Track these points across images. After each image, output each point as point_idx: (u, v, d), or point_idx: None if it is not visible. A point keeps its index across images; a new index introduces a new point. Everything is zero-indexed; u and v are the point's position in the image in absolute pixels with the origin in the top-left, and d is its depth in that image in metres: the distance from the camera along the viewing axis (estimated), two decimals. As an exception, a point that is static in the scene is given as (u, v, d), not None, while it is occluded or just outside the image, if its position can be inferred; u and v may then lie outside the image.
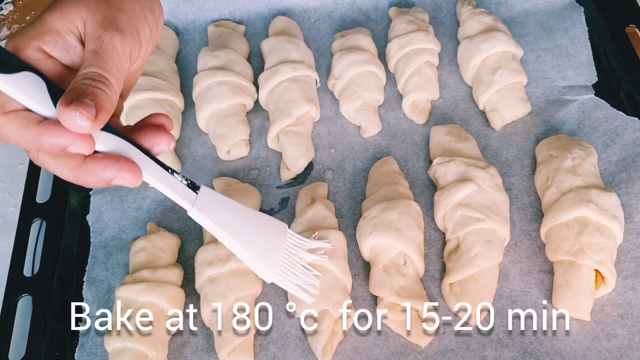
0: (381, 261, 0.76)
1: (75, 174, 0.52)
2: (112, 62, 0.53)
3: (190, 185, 0.58)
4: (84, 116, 0.48)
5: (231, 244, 0.60)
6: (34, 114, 0.50)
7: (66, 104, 0.48)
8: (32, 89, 0.50)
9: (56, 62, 0.54)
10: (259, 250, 0.61)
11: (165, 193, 0.56)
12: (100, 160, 0.51)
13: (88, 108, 0.48)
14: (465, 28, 0.99)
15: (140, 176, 0.53)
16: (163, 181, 0.56)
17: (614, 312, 0.73)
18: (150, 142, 0.56)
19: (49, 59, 0.53)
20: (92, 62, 0.52)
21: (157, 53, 0.99)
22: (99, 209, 0.87)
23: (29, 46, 0.52)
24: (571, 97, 0.92)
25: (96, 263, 0.83)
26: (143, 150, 0.55)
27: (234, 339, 0.72)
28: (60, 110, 0.48)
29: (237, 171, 0.91)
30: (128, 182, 0.52)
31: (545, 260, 0.78)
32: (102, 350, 0.74)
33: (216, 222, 0.59)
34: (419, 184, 0.87)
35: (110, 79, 0.52)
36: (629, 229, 0.78)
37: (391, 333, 0.74)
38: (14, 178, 0.96)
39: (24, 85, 0.50)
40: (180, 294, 0.77)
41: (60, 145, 0.49)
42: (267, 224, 0.65)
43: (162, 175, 0.56)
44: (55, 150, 0.50)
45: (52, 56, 0.53)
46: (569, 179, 0.79)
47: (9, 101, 0.50)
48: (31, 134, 0.50)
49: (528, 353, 0.71)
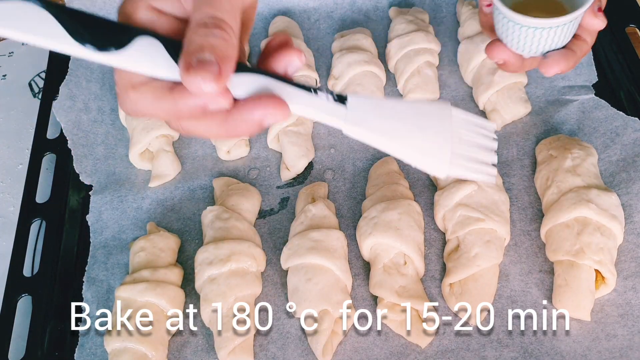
0: (381, 261, 0.76)
1: (224, 128, 0.48)
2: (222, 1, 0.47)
3: (337, 98, 0.51)
4: (207, 79, 0.44)
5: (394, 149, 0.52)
6: (163, 81, 0.47)
7: (186, 69, 0.44)
8: (151, 55, 0.46)
9: (170, 18, 0.49)
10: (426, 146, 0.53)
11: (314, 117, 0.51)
12: (243, 106, 0.47)
13: (209, 67, 0.44)
14: (465, 28, 0.99)
15: (287, 108, 0.48)
16: (310, 105, 0.50)
17: (614, 312, 0.73)
18: (282, 65, 0.50)
19: (162, 16, 0.49)
20: (201, 4, 0.47)
21: (157, 53, 0.98)
22: (98, 209, 0.87)
23: (139, 7, 0.48)
24: (571, 97, 0.92)
25: (96, 263, 0.83)
26: (278, 77, 0.49)
27: (234, 339, 0.72)
28: (182, 77, 0.44)
29: (237, 171, 0.91)
30: (278, 118, 0.48)
31: (546, 260, 0.78)
32: (102, 351, 0.74)
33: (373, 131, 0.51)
34: (419, 184, 0.87)
35: (226, 18, 0.47)
36: (629, 229, 0.78)
37: (391, 333, 0.74)
38: (14, 178, 0.96)
39: (142, 54, 0.46)
40: (180, 294, 0.77)
41: (198, 108, 0.46)
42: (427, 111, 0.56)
43: (308, 98, 0.50)
44: (196, 114, 0.47)
45: (164, 12, 0.49)
46: (569, 179, 0.79)
47: (134, 75, 0.47)
48: (167, 104, 0.47)
49: (528, 353, 0.71)
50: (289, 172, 0.89)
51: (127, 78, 0.48)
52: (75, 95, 0.95)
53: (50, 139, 0.96)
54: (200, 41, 0.45)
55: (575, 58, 0.70)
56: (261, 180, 0.90)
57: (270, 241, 0.84)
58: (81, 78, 0.97)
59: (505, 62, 0.72)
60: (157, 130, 0.90)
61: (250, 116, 0.47)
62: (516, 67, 0.72)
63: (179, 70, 0.45)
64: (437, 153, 0.54)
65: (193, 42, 0.45)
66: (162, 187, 0.90)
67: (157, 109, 0.47)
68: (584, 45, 0.71)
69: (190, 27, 0.46)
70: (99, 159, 0.92)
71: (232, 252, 0.76)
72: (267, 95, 0.48)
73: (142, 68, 0.46)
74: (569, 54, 0.70)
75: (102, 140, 0.94)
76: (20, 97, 1.07)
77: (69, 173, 0.91)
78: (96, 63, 0.99)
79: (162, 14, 0.49)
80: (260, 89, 0.48)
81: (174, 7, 0.49)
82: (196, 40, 0.45)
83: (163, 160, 0.90)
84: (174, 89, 0.46)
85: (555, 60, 0.70)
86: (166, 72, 0.47)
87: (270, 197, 0.88)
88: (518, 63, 0.72)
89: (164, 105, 0.47)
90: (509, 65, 0.72)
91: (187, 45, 0.45)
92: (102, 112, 0.97)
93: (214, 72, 0.44)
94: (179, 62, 0.45)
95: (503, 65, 0.73)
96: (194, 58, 0.44)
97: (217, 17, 0.46)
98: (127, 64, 0.46)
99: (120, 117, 0.95)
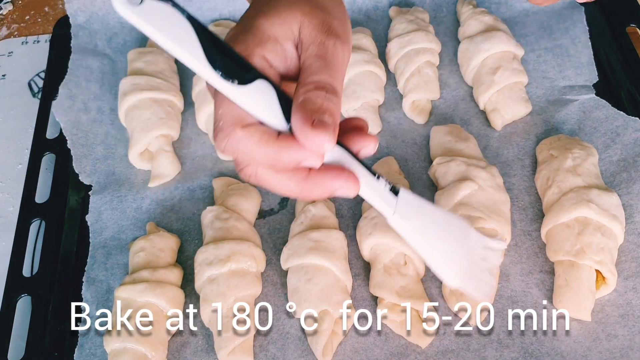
0: (381, 261, 0.76)
1: (301, 187, 0.50)
2: (338, 70, 0.50)
3: (392, 189, 0.55)
4: (331, 140, 0.47)
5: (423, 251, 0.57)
6: (269, 127, 0.49)
7: (310, 124, 0.47)
8: (266, 100, 0.48)
9: (276, 71, 0.51)
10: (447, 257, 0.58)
11: (370, 201, 0.54)
12: (325, 172, 0.50)
13: (329, 128, 0.47)
14: (466, 28, 0.99)
15: (359, 186, 0.51)
16: (372, 189, 0.53)
17: (614, 312, 0.73)
18: (357, 146, 0.52)
19: (271, 68, 0.51)
20: (320, 68, 0.49)
21: (157, 53, 0.98)
22: (98, 209, 0.87)
23: (255, 54, 0.50)
24: (572, 97, 0.92)
25: (95, 263, 0.82)
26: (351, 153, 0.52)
27: (234, 339, 0.72)
28: (303, 129, 0.47)
29: (236, 171, 0.91)
30: (350, 193, 0.50)
31: (546, 261, 0.78)
32: (102, 351, 0.74)
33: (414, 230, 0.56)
34: (419, 184, 0.87)
35: (338, 90, 0.50)
36: (630, 229, 0.78)
37: (391, 333, 0.74)
38: (14, 178, 0.96)
39: (260, 96, 0.48)
40: (180, 294, 0.77)
41: (298, 161, 0.48)
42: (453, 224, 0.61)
43: (372, 183, 0.53)
44: (291, 165, 0.49)
45: (272, 64, 0.51)
46: (569, 179, 0.79)
47: (245, 114, 0.48)
48: (271, 149, 0.48)
49: (528, 353, 0.71)
50: (289, 172, 0.89)
51: (238, 115, 0.48)
52: (74, 95, 0.95)
53: (49, 139, 0.96)
54: (321, 103, 0.48)
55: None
56: (261, 180, 0.90)
57: (270, 241, 0.84)
58: (80, 78, 0.97)
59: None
60: (157, 130, 0.90)
61: (329, 184, 0.50)
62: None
63: (298, 123, 0.47)
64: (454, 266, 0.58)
65: (314, 102, 0.48)
66: (162, 187, 0.90)
67: (258, 153, 0.48)
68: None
69: (307, 84, 0.49)
70: (99, 159, 0.92)
71: (232, 252, 0.76)
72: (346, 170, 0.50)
73: (257, 110, 0.48)
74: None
75: (101, 140, 0.94)
76: (19, 97, 1.07)
77: (69, 173, 0.91)
78: (96, 62, 1.00)
79: (271, 66, 0.51)
80: (337, 160, 0.51)
81: (280, 62, 0.51)
82: (318, 102, 0.48)
83: (163, 160, 0.90)
84: (279, 138, 0.48)
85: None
86: (275, 121, 0.48)
87: (270, 197, 0.88)
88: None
89: (267, 152, 0.48)
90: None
91: (306, 103, 0.48)
92: (101, 112, 0.97)
93: (333, 134, 0.47)
94: (295, 115, 0.47)
95: None
96: (316, 117, 0.47)
97: (334, 87, 0.49)
98: (247, 101, 0.47)
99: (120, 117, 0.94)
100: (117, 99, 0.96)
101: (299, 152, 0.48)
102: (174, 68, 1.00)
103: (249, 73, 0.48)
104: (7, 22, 1.17)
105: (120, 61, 1.03)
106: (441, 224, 0.59)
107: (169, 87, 0.94)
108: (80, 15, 1.03)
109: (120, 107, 0.93)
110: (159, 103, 0.93)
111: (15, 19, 1.18)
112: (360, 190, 0.52)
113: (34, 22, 1.17)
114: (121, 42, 1.05)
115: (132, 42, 1.05)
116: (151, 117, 0.91)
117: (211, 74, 0.46)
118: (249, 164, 0.50)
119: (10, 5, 1.19)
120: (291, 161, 0.48)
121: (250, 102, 0.48)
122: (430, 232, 0.57)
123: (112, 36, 1.05)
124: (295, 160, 0.48)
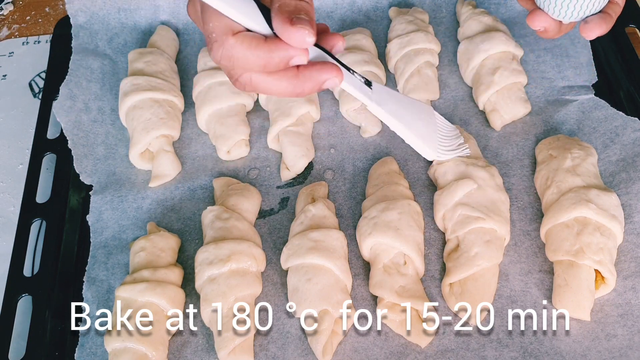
0: (381, 261, 0.76)
1: (293, 84, 0.58)
2: None
3: (366, 82, 0.64)
4: (310, 33, 0.54)
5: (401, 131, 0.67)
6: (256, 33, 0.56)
7: (290, 23, 0.54)
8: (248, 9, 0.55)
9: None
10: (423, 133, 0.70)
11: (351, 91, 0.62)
12: (313, 67, 0.58)
13: (307, 24, 0.54)
14: (465, 28, 0.99)
15: (343, 77, 0.59)
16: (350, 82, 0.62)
17: (614, 312, 0.73)
18: (329, 44, 0.61)
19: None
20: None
21: (157, 53, 0.99)
22: (99, 209, 0.87)
23: None
24: (571, 97, 0.92)
25: (96, 263, 0.83)
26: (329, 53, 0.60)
27: (234, 339, 0.72)
28: (285, 28, 0.54)
29: (237, 171, 0.91)
30: (336, 83, 0.59)
31: (545, 260, 0.78)
32: (102, 350, 0.74)
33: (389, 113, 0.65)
34: (419, 184, 0.87)
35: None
36: (629, 229, 0.78)
37: (391, 333, 0.74)
38: (14, 178, 0.96)
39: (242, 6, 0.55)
40: (180, 294, 0.77)
41: (287, 59, 0.56)
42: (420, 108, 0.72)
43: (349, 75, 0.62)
44: (282, 65, 0.56)
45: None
46: (568, 179, 0.79)
47: (232, 23, 0.55)
48: (262, 51, 0.55)
49: (528, 353, 0.71)
50: (289, 172, 0.90)
51: (228, 25, 0.56)
52: (75, 95, 0.95)
53: (50, 139, 0.96)
54: (295, 4, 0.55)
55: (611, 21, 0.75)
56: (261, 180, 0.90)
57: (270, 241, 0.84)
58: (81, 78, 0.97)
59: (545, 29, 0.77)
60: (157, 130, 0.90)
61: (318, 77, 0.58)
62: (554, 33, 0.78)
63: (280, 24, 0.54)
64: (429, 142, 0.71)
65: (288, 4, 0.55)
66: (162, 187, 0.90)
67: (251, 56, 0.55)
68: (617, 8, 0.76)
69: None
70: (99, 159, 0.92)
71: (232, 252, 0.76)
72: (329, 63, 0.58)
73: (243, 19, 0.55)
74: (607, 18, 0.74)
75: (102, 140, 0.94)
76: (20, 97, 1.07)
77: (69, 173, 0.91)
78: (96, 62, 1.00)
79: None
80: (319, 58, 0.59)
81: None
82: (292, 3, 0.55)
83: (163, 160, 0.90)
84: (267, 41, 0.56)
85: (597, 24, 0.74)
86: (259, 27, 0.56)
87: (270, 197, 0.88)
88: (557, 29, 0.77)
89: (259, 54, 0.55)
90: (548, 32, 0.78)
91: (282, 6, 0.55)
92: (102, 112, 0.97)
93: (311, 28, 0.54)
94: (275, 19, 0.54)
95: (543, 32, 0.78)
96: (293, 16, 0.54)
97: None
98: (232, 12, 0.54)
99: (121, 117, 0.95)
100: (117, 99, 0.96)
101: (287, 50, 0.55)
102: (175, 68, 1.01)
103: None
104: (8, 23, 1.17)
105: (121, 61, 1.03)
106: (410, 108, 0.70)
107: (169, 88, 0.95)
108: (81, 16, 1.03)
109: (121, 107, 0.93)
110: (159, 103, 0.93)
111: (16, 19, 1.18)
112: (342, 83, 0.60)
113: (35, 22, 1.17)
114: (122, 43, 1.05)
115: (132, 42, 1.05)
116: (152, 117, 0.91)
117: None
118: (243, 72, 0.57)
119: (11, 5, 1.19)
120: (281, 60, 0.56)
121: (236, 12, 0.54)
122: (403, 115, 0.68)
123: (112, 36, 1.05)
124: (284, 59, 0.56)
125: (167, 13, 1.07)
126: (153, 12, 1.06)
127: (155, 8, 1.06)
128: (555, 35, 0.78)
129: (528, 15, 0.77)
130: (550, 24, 0.76)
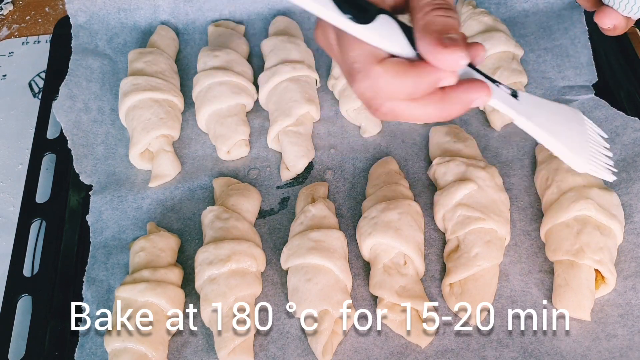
0: (381, 261, 0.76)
1: (439, 108, 0.52)
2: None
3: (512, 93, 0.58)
4: (464, 55, 0.48)
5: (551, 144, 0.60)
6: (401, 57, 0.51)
7: (441, 45, 0.48)
8: (392, 33, 0.51)
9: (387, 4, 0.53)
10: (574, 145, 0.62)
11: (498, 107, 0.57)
12: (459, 88, 0.52)
13: (459, 44, 0.49)
14: (465, 28, 0.99)
15: (491, 93, 0.53)
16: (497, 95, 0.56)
17: (614, 312, 0.73)
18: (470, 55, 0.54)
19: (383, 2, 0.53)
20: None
21: (157, 53, 0.99)
22: (98, 209, 0.87)
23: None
24: (571, 97, 0.92)
25: (96, 263, 0.83)
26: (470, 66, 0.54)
27: (234, 339, 0.72)
28: (436, 51, 0.48)
29: (237, 171, 0.91)
30: (485, 100, 0.53)
31: (545, 260, 0.78)
32: (102, 350, 0.74)
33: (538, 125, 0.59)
34: (419, 184, 0.87)
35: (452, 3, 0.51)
36: (629, 229, 0.78)
37: (391, 333, 0.74)
38: (14, 178, 0.96)
39: (386, 30, 0.50)
40: (180, 294, 0.77)
41: (435, 83, 0.50)
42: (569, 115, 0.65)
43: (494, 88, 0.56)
44: (429, 90, 0.51)
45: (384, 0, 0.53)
46: (568, 178, 0.79)
47: (376, 50, 0.51)
48: (410, 78, 0.50)
49: (528, 353, 0.71)
50: (289, 172, 0.89)
51: (372, 52, 0.51)
52: (75, 95, 0.95)
53: (50, 139, 0.96)
54: (443, 21, 0.50)
55: None
56: (261, 180, 0.90)
57: (270, 241, 0.84)
58: (81, 78, 0.97)
59: (615, 27, 0.75)
60: (157, 130, 0.90)
61: (465, 97, 0.52)
62: (622, 29, 0.75)
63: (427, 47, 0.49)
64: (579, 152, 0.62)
65: (436, 23, 0.50)
66: (162, 187, 0.90)
67: (397, 85, 0.50)
68: None
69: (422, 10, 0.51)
70: (99, 159, 0.92)
71: (232, 252, 0.76)
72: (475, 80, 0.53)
73: (386, 44, 0.50)
74: None
75: (102, 140, 0.94)
76: (20, 97, 1.07)
77: (69, 173, 0.91)
78: (96, 62, 1.00)
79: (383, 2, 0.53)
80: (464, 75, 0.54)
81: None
82: (439, 21, 0.50)
83: (163, 160, 0.90)
84: (414, 66, 0.50)
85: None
86: (403, 50, 0.51)
87: (270, 197, 0.88)
88: (625, 25, 0.75)
89: (406, 81, 0.50)
90: (617, 29, 0.75)
91: (429, 25, 0.50)
92: (102, 112, 0.97)
93: (464, 49, 0.49)
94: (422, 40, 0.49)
95: (611, 30, 0.76)
96: (444, 37, 0.49)
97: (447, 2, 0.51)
98: (376, 38, 0.50)
99: (121, 117, 0.95)
100: (117, 99, 0.96)
101: (436, 74, 0.50)
102: (175, 68, 1.01)
103: (370, 11, 0.50)
104: (8, 23, 1.17)
105: (121, 61, 1.03)
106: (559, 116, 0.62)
107: (169, 87, 0.95)
108: (81, 16, 1.03)
109: (121, 107, 0.93)
110: (159, 103, 0.93)
111: (16, 19, 1.18)
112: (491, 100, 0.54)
113: (35, 22, 1.17)
114: (122, 43, 1.05)
115: (132, 42, 1.05)
116: (151, 117, 0.91)
117: (342, 20, 0.49)
118: (386, 101, 0.52)
119: (11, 5, 1.19)
120: (430, 86, 0.50)
121: (380, 38, 0.50)
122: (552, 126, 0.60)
123: (112, 36, 1.05)
124: (433, 84, 0.50)
125: (167, 13, 1.07)
126: (153, 12, 1.06)
127: (155, 8, 1.06)
128: (622, 31, 0.76)
129: (596, 13, 0.75)
130: (620, 21, 0.74)
